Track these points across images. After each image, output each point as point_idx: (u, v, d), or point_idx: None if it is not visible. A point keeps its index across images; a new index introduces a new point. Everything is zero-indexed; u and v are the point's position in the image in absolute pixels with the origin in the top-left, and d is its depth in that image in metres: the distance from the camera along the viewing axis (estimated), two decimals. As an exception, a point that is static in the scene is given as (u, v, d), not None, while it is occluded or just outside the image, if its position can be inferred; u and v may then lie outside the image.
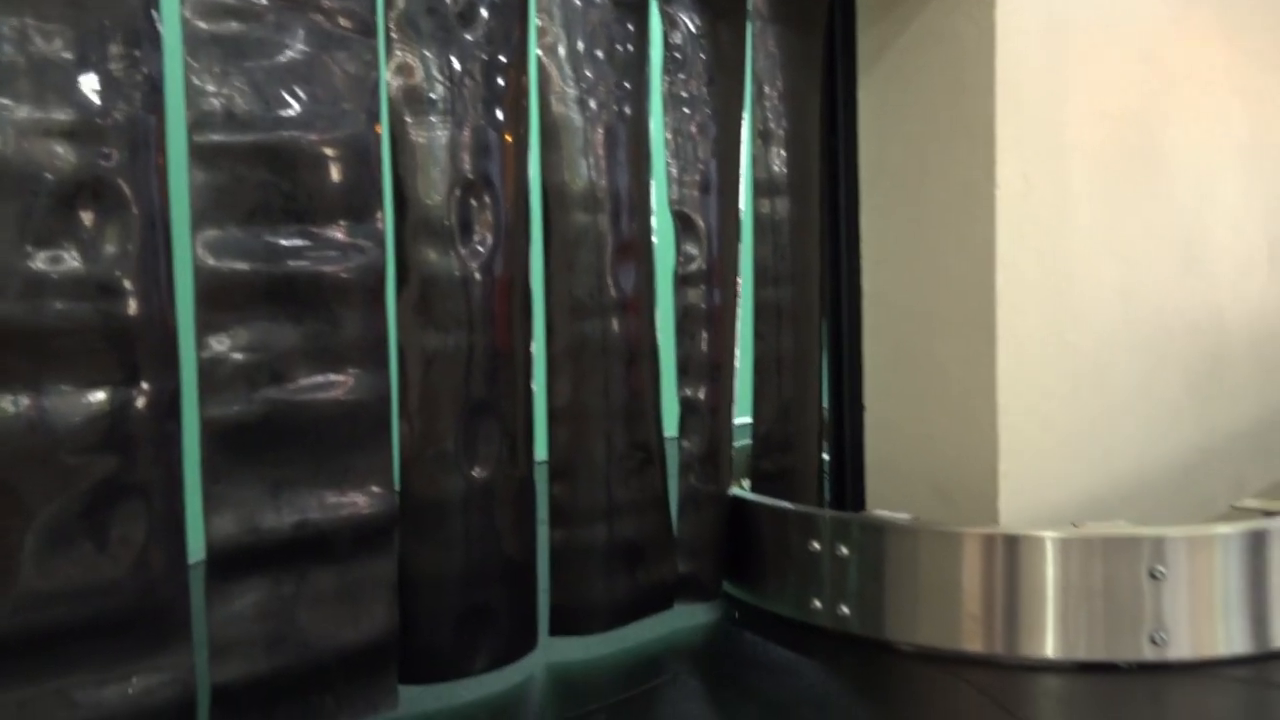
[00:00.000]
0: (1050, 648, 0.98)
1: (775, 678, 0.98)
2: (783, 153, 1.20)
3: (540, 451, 0.97)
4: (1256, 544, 0.99)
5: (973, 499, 1.19)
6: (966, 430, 1.19)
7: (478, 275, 0.89)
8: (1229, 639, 0.97)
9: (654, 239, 1.04)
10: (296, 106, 0.78)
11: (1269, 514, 1.01)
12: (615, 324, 1.00)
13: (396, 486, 0.86)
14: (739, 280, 1.14)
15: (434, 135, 0.87)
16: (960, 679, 0.97)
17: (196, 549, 0.75)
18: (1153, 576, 0.93)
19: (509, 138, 0.92)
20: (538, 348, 0.97)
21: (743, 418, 1.24)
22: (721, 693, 0.95)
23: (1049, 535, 0.98)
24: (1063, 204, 1.27)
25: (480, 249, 0.89)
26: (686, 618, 1.11)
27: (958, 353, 1.19)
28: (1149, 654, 0.94)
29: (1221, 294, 1.75)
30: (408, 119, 0.86)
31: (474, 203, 0.89)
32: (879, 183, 1.25)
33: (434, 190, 0.87)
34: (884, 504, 1.26)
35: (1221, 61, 1.70)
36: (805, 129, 1.21)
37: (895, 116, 1.22)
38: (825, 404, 1.30)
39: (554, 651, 1.01)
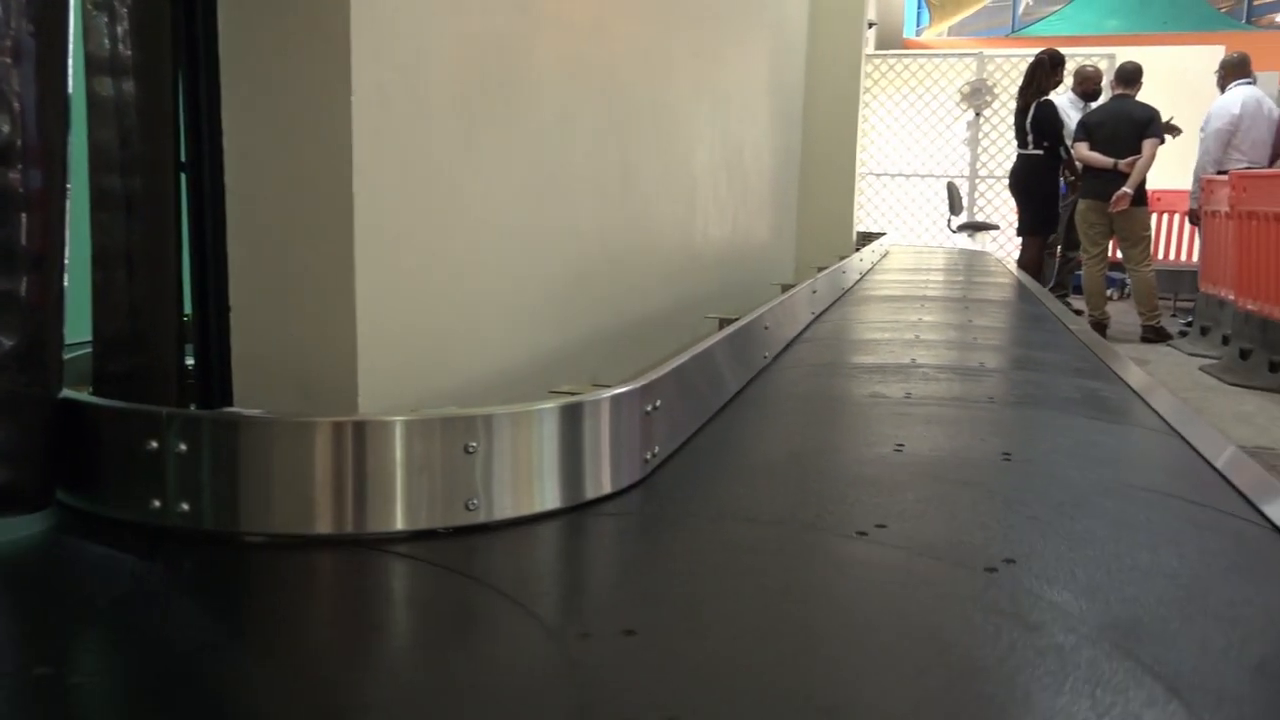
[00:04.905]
0: (398, 521, 1.07)
1: (111, 584, 0.94)
2: (126, 29, 1.12)
3: None
4: (569, 417, 1.17)
5: (335, 397, 1.25)
6: (329, 331, 1.23)
7: None
8: (542, 498, 1.14)
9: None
10: None
11: (574, 394, 1.20)
12: (-109, 202, 0.86)
13: None
14: (68, 164, 1.05)
15: None
16: (311, 558, 1.02)
17: None
18: (467, 451, 1.06)
19: None
20: None
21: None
22: (48, 607, 0.90)
23: (389, 419, 1.06)
24: (424, 118, 1.35)
25: None
26: (8, 531, 1.02)
27: (319, 254, 1.22)
28: (468, 519, 1.07)
29: (581, 214, 2.01)
30: None
31: None
32: (240, 76, 1.21)
33: None
34: (252, 404, 1.27)
35: (584, 4, 1.92)
36: (154, 6, 1.13)
37: (256, 8, 1.20)
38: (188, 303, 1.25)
39: None
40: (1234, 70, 6.79)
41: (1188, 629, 0.86)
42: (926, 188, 9.32)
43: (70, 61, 1.04)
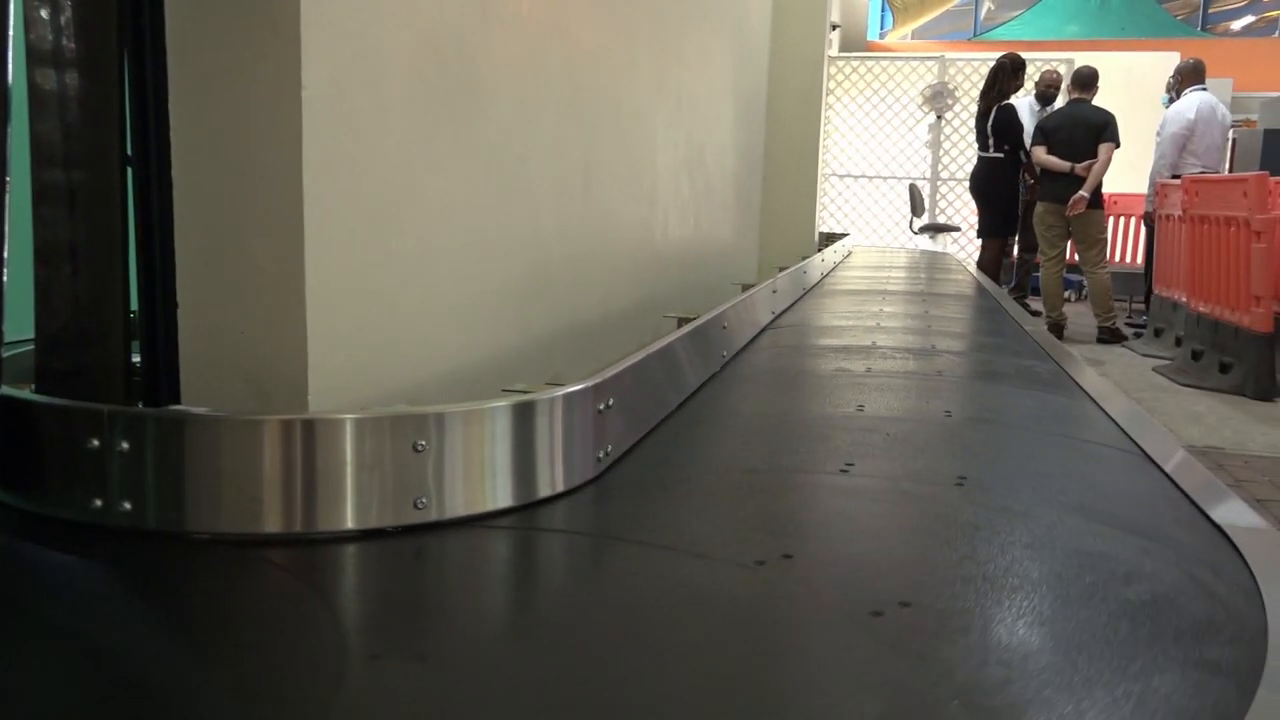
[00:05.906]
0: (347, 520, 1.06)
1: (49, 584, 0.92)
2: (69, 19, 1.10)
3: None
4: (520, 415, 1.16)
5: (285, 395, 1.23)
6: (279, 328, 1.22)
7: None
8: (494, 496, 1.14)
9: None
10: None
11: (526, 392, 1.19)
12: None
13: None
14: (8, 158, 1.03)
15: None
16: (258, 558, 1.00)
17: None
18: (415, 449, 1.05)
19: None
20: None
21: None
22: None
23: (338, 417, 1.05)
24: (378, 113, 1.34)
25: None
26: (-55, 533, 1.00)
27: (269, 250, 1.21)
28: (417, 518, 1.07)
29: (541, 214, 2.00)
30: None
31: None
32: (188, 68, 1.20)
33: None
34: (201, 402, 1.25)
35: (545, 4, 1.92)
36: (98, -1, 1.12)
37: (203, 1, 1.18)
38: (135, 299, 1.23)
39: None
40: (1189, 76, 6.89)
41: (1119, 507, 1.19)
42: (889, 189, 9.38)
43: (10, 52, 1.02)
